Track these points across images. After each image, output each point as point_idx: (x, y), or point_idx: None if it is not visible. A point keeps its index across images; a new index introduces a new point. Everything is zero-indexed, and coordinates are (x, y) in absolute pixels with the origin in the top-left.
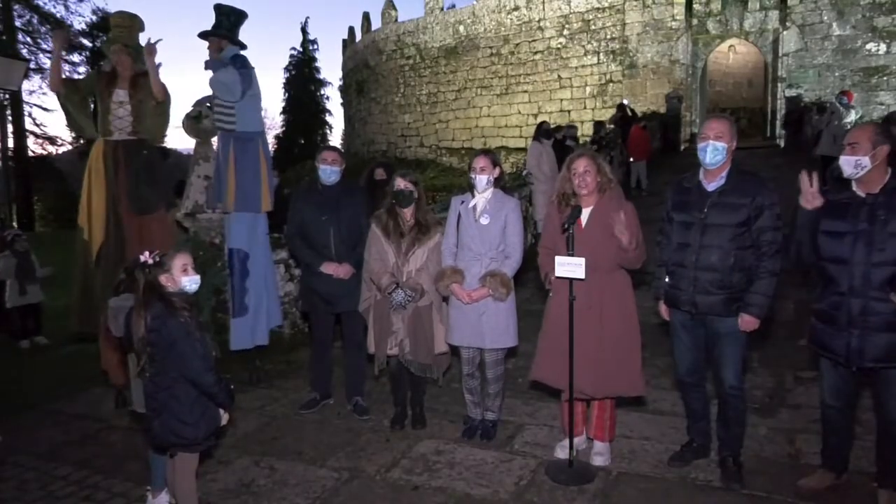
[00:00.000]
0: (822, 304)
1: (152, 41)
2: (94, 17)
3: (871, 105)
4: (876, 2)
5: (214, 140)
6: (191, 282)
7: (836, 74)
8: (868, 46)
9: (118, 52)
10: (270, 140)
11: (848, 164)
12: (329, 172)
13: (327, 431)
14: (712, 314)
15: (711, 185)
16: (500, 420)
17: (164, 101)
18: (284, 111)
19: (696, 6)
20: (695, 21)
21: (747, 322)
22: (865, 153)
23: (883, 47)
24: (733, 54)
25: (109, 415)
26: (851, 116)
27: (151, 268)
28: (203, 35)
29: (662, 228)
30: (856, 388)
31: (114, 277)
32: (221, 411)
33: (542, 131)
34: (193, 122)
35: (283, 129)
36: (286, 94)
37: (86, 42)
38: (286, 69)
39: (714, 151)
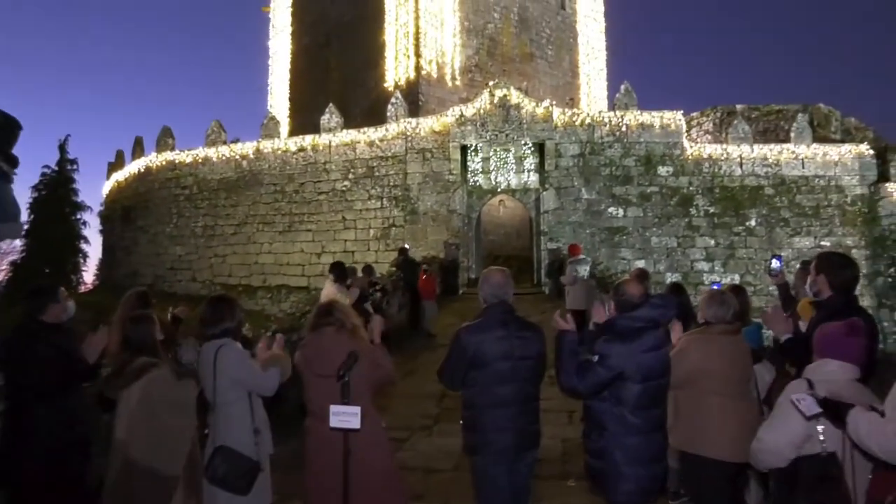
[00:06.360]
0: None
1: None
2: None
3: (615, 259)
4: (612, 174)
5: None
6: None
7: (588, 231)
8: (609, 210)
9: None
10: (3, 266)
11: None
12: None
13: None
14: None
15: None
16: None
17: None
18: (28, 235)
19: (469, 163)
20: (469, 176)
21: None
22: None
23: (621, 211)
24: (503, 208)
25: None
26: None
27: None
28: None
29: None
30: None
31: None
32: None
33: (336, 271)
34: None
35: (24, 255)
36: (31, 217)
37: None
38: (35, 188)
39: None
